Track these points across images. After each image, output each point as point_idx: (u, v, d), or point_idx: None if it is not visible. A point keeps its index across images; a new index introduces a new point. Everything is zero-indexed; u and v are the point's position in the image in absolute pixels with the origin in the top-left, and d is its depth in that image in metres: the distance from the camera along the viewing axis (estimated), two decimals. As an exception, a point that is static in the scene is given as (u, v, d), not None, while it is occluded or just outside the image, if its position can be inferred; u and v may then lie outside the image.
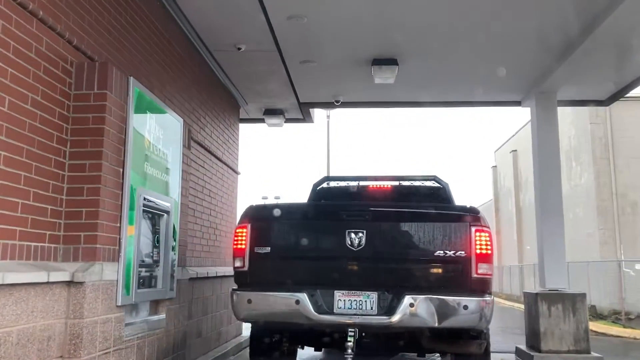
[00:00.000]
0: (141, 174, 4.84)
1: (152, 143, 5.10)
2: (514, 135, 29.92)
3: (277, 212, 5.14)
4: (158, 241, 5.33)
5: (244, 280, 5.13)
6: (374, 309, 4.72)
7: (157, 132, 5.21)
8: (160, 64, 6.09)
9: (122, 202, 4.49)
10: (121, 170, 4.51)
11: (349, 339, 4.53)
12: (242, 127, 10.62)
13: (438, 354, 6.50)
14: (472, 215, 4.98)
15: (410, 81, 8.61)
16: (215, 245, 8.40)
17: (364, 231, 4.81)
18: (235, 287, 5.17)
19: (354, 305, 4.73)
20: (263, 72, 8.45)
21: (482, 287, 4.82)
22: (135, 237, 4.67)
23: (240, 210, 6.77)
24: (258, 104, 10.19)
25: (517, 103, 10.01)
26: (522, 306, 22.62)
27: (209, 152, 8.06)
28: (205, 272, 7.28)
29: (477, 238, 4.81)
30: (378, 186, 6.76)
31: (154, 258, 5.24)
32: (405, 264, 4.91)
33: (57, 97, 4.09)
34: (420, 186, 6.91)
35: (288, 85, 9.10)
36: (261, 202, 6.57)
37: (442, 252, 4.78)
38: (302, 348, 6.07)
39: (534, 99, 9.38)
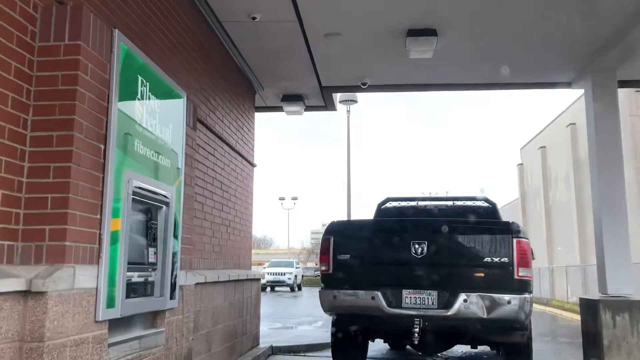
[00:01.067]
0: (131, 154, 3.84)
1: (146, 117, 4.09)
2: (542, 131, 28.62)
3: (354, 227, 6.64)
4: (155, 239, 4.32)
5: (329, 280, 6.25)
6: (434, 304, 5.78)
7: (153, 104, 4.21)
8: (159, 28, 5.10)
9: (104, 188, 3.50)
10: (102, 147, 3.52)
11: (415, 327, 5.62)
12: (259, 117, 9.64)
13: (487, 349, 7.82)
14: (513, 229, 5.94)
15: (450, 57, 7.54)
16: (229, 246, 7.40)
17: (425, 242, 5.86)
18: (323, 286, 6.32)
19: (418, 301, 5.82)
20: (281, 48, 7.44)
21: (523, 287, 5.79)
22: (122, 232, 3.67)
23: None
24: (275, 88, 9.18)
25: (567, 84, 8.86)
26: (554, 310, 21.36)
27: (221, 139, 7.07)
28: (215, 276, 6.27)
29: (518, 247, 5.73)
30: (437, 206, 8.08)
31: (150, 260, 4.23)
32: (459, 268, 5.89)
33: (15, 49, 3.10)
34: (472, 206, 7.85)
35: (309, 65, 8.09)
36: (339, 217, 9.15)
37: (489, 258, 5.76)
38: (373, 341, 7.22)
39: (589, 79, 8.22)
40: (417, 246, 5.87)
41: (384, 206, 8.04)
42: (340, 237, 6.27)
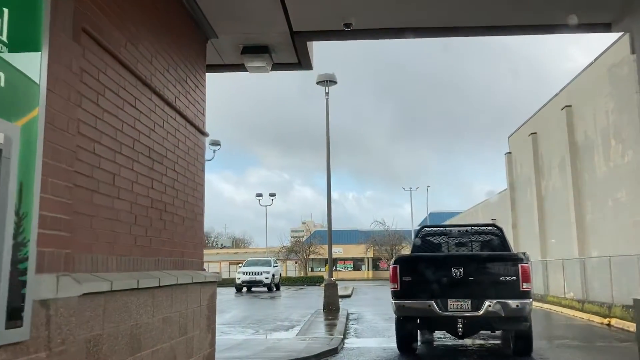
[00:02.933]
0: None
1: None
2: (532, 117, 26.95)
3: (413, 259, 9.92)
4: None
5: (398, 295, 9.16)
6: (469, 308, 8.81)
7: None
8: None
9: None
10: None
11: (458, 323, 8.78)
12: (215, 78, 7.58)
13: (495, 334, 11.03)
14: (519, 257, 9.04)
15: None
16: (164, 238, 5.34)
17: (462, 268, 8.94)
18: (393, 297, 9.23)
19: (458, 307, 8.84)
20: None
21: (526, 295, 8.84)
22: None
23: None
24: (233, 35, 7.11)
25: (607, 26, 6.95)
26: (553, 308, 19.60)
27: (149, 86, 5.00)
28: (133, 282, 4.21)
29: (522, 270, 8.77)
30: (460, 231, 11.28)
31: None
32: (484, 284, 8.91)
33: None
34: (485, 230, 11.36)
35: (276, 1, 6.07)
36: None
37: (504, 277, 8.81)
38: (432, 331, 11.39)
39: (635, 17, 6.33)
40: (456, 271, 8.91)
41: (422, 233, 11.39)
42: (403, 265, 9.38)
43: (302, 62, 7.84)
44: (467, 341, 10.98)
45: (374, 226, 66.72)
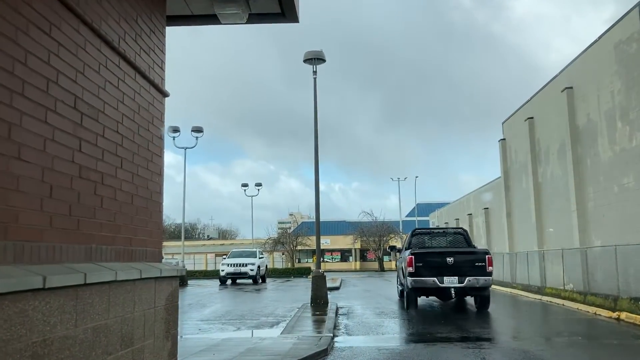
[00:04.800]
0: None
1: None
2: (529, 101, 25.80)
3: (423, 253, 15.46)
4: None
5: (413, 275, 14.74)
6: (456, 282, 14.67)
7: None
8: None
9: None
10: None
11: (452, 290, 15.04)
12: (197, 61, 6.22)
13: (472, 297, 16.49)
14: (486, 251, 15.81)
15: None
16: (102, 220, 4.03)
17: (453, 258, 14.91)
18: (410, 275, 14.93)
19: (451, 281, 14.67)
20: None
21: (490, 274, 14.79)
22: None
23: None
24: (200, -27, 5.77)
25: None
26: (554, 300, 18.61)
27: (74, 12, 3.67)
28: (36, 281, 2.89)
29: (488, 258, 14.95)
30: (439, 232, 18.65)
31: None
32: (466, 267, 14.73)
33: None
34: (455, 231, 18.41)
35: None
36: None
37: (477, 263, 14.81)
38: (427, 297, 16.94)
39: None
40: (448, 259, 14.78)
41: (414, 233, 18.10)
42: (417, 255, 15.04)
43: (286, 11, 6.51)
44: (448, 303, 17.43)
45: (362, 217, 65.79)
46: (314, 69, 18.70)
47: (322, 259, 54.90)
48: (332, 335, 10.78)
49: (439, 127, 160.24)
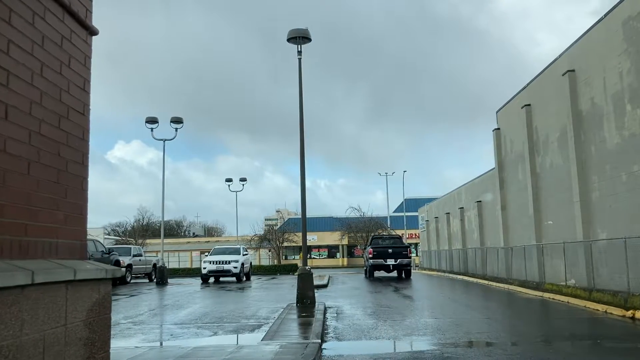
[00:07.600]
0: None
1: None
2: (526, 87, 24.53)
3: (378, 245, 33.85)
4: None
5: (372, 259, 32.74)
6: (394, 261, 32.54)
7: None
8: None
9: None
10: None
11: (391, 267, 32.74)
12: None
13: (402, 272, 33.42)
14: (409, 245, 36.09)
15: None
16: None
17: (392, 249, 33.13)
18: (370, 258, 33.25)
19: (391, 261, 32.49)
20: None
21: (410, 257, 33.60)
22: None
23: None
24: None
25: None
26: (556, 297, 17.24)
27: None
28: None
29: (408, 249, 33.96)
30: (387, 237, 38.09)
31: None
32: (399, 254, 32.78)
33: None
34: (395, 236, 39.39)
35: None
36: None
37: (404, 252, 33.11)
38: (379, 271, 33.85)
39: None
40: (389, 250, 32.71)
41: (375, 237, 37.06)
42: (374, 248, 33.01)
43: None
44: (390, 275, 33.69)
45: (350, 212, 64.65)
46: (299, 49, 17.22)
47: (309, 255, 53.35)
48: (319, 341, 9.39)
49: (424, 122, 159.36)
